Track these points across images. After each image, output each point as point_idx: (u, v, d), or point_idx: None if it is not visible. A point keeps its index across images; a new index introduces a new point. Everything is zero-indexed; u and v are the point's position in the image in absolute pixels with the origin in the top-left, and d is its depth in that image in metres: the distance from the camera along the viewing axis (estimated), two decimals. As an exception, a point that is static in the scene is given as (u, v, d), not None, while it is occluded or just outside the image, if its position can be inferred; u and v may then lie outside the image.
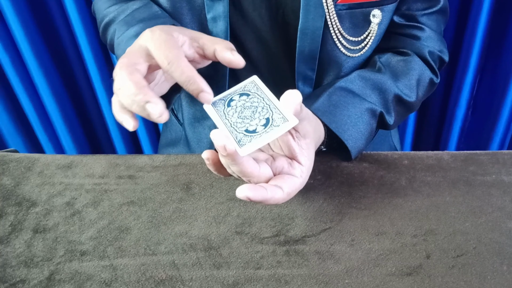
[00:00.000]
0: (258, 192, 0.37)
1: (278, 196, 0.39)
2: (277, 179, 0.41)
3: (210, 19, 0.55)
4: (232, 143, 0.37)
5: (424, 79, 0.61)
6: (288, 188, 0.40)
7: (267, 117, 0.40)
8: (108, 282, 0.44)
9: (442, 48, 0.63)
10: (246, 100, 0.43)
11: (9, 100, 1.16)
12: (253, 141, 0.38)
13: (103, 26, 0.60)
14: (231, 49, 0.45)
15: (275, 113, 0.40)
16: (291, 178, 0.41)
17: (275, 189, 0.39)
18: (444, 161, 0.55)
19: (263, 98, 0.42)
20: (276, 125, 0.39)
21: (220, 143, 0.36)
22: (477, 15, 0.94)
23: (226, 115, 0.42)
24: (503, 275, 0.44)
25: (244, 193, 0.37)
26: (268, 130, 0.38)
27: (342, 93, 0.55)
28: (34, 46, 1.04)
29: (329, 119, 0.51)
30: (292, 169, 0.42)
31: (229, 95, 0.44)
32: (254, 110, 0.41)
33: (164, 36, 0.42)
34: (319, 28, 0.54)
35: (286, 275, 0.44)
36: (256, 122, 0.40)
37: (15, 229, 0.50)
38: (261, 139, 0.38)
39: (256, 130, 0.39)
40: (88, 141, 1.29)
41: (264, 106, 0.41)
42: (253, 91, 0.43)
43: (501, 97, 1.03)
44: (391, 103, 0.57)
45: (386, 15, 0.57)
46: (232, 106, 0.43)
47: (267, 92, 0.43)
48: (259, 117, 0.40)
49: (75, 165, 0.57)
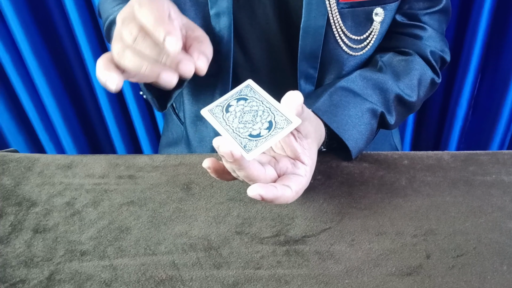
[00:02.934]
0: (270, 190, 0.38)
1: (287, 195, 0.39)
2: (283, 179, 0.41)
3: (214, 14, 0.55)
4: (237, 148, 0.37)
5: (425, 79, 0.61)
6: (296, 186, 0.40)
7: (270, 120, 0.40)
8: (108, 282, 0.44)
9: (443, 48, 0.63)
10: (245, 104, 0.43)
11: (10, 100, 1.16)
12: (259, 145, 0.38)
13: (108, 24, 0.59)
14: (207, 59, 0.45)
15: (277, 115, 0.40)
16: (297, 177, 0.41)
17: (284, 187, 0.39)
18: (444, 161, 0.55)
19: (262, 101, 0.42)
20: (280, 128, 0.39)
21: (226, 149, 0.36)
22: (478, 15, 0.94)
23: (226, 121, 0.42)
24: (503, 275, 0.44)
25: (257, 191, 0.37)
26: (272, 133, 0.39)
27: (343, 93, 0.55)
28: (34, 46, 1.04)
29: (330, 119, 0.51)
30: (296, 169, 0.42)
31: (225, 100, 0.44)
32: (254, 114, 0.41)
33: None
34: (321, 26, 0.54)
35: (286, 275, 0.44)
36: (259, 126, 0.40)
37: (15, 229, 0.50)
38: (266, 142, 0.38)
39: (260, 134, 0.39)
40: (88, 141, 1.29)
41: (265, 109, 0.41)
42: (250, 95, 0.43)
43: (502, 97, 1.03)
44: (392, 103, 0.57)
45: (389, 14, 0.57)
46: (231, 111, 0.42)
47: (264, 95, 0.43)
48: (261, 120, 0.40)
49: (75, 165, 0.57)
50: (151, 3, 0.40)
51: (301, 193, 0.41)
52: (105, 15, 0.62)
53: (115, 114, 1.19)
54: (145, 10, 0.39)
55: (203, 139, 0.68)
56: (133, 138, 1.28)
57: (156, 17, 0.38)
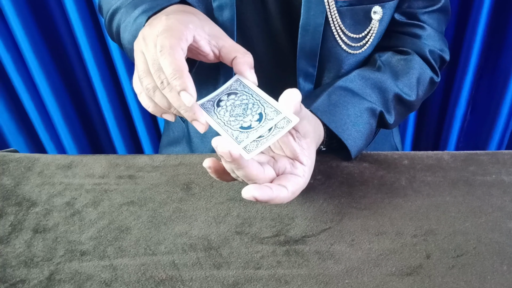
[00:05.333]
0: (264, 192, 0.38)
1: (283, 195, 0.39)
2: (280, 179, 0.41)
3: (216, 7, 0.55)
4: (236, 148, 0.37)
5: (424, 78, 0.61)
6: (292, 187, 0.40)
7: (260, 112, 0.41)
8: (108, 282, 0.44)
9: (443, 47, 0.63)
10: (235, 98, 0.43)
11: (11, 100, 1.16)
12: (259, 146, 0.39)
13: (110, 16, 0.58)
14: (250, 67, 0.45)
15: (266, 107, 0.41)
16: (295, 178, 0.41)
17: (280, 188, 0.39)
18: (444, 161, 0.55)
19: (252, 94, 0.43)
20: (280, 127, 0.39)
21: (225, 149, 0.36)
22: (477, 14, 0.94)
23: (218, 115, 0.42)
24: (503, 275, 0.44)
25: (251, 193, 0.37)
26: (274, 133, 0.39)
27: (341, 92, 0.55)
28: (35, 45, 1.04)
29: (329, 118, 0.51)
30: (294, 169, 0.42)
31: (216, 96, 0.45)
32: (245, 107, 0.42)
33: (173, 41, 0.41)
34: (320, 24, 0.54)
35: (286, 275, 0.44)
36: (249, 118, 0.41)
37: (15, 229, 0.50)
38: (265, 141, 0.39)
39: (251, 126, 0.40)
40: (88, 141, 1.29)
41: (254, 102, 0.42)
42: (240, 89, 0.44)
43: (500, 97, 1.03)
44: (391, 102, 0.57)
45: (387, 12, 0.57)
46: (222, 106, 0.43)
47: (253, 88, 0.44)
48: (252, 113, 0.41)
49: (75, 165, 0.57)
50: (173, 51, 0.40)
51: (298, 193, 0.41)
52: (106, 8, 0.60)
53: (116, 113, 1.19)
54: (164, 61, 0.40)
55: (204, 136, 0.68)
56: (134, 138, 1.28)
57: (175, 69, 0.39)
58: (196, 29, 0.44)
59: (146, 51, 0.43)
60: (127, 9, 0.54)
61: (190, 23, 0.44)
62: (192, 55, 0.48)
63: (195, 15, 0.47)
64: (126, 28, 0.52)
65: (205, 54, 0.46)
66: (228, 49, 0.46)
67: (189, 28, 0.43)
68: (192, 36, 0.44)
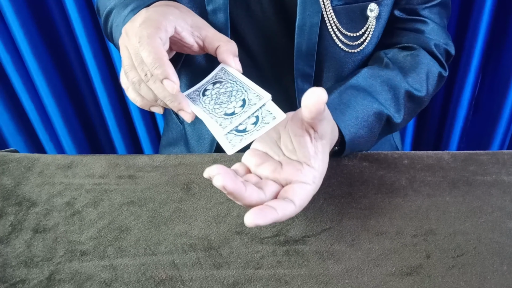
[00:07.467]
0: (268, 216, 0.34)
1: (289, 212, 0.36)
2: (287, 191, 0.38)
3: (210, 11, 0.55)
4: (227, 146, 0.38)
5: (433, 72, 0.59)
6: (300, 200, 0.37)
7: (243, 98, 0.42)
8: (108, 282, 0.44)
9: (447, 41, 0.62)
10: (220, 87, 0.44)
11: (10, 100, 1.16)
12: (243, 140, 0.39)
13: (105, 17, 0.58)
14: (234, 55, 0.45)
15: (250, 93, 0.42)
16: (303, 187, 0.38)
17: (285, 205, 0.36)
18: (444, 161, 0.55)
19: (236, 82, 0.44)
20: (266, 122, 0.39)
21: (219, 183, 0.34)
22: (479, 14, 0.94)
23: (203, 104, 0.43)
24: (503, 275, 0.44)
25: (254, 222, 0.34)
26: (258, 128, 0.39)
27: (352, 92, 0.54)
28: (34, 46, 1.04)
29: (338, 117, 0.50)
30: (303, 176, 0.39)
31: (202, 86, 0.45)
32: (229, 94, 0.43)
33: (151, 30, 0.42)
34: (316, 24, 0.54)
35: (286, 275, 0.44)
36: (233, 104, 0.42)
37: (15, 229, 0.50)
38: (249, 136, 0.39)
39: (234, 112, 0.41)
40: (88, 141, 1.29)
41: (238, 89, 0.43)
42: (224, 77, 0.45)
43: (502, 97, 1.03)
44: (402, 100, 0.56)
45: (384, 9, 0.56)
46: (207, 95, 0.44)
47: (237, 75, 0.44)
48: (235, 100, 0.42)
49: (75, 165, 0.57)
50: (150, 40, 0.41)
51: (306, 203, 0.38)
52: (102, 9, 0.61)
53: (116, 114, 1.19)
54: (144, 50, 0.41)
55: (201, 137, 0.68)
56: (134, 138, 1.28)
57: (154, 58, 0.40)
58: (177, 20, 0.45)
59: (129, 44, 0.43)
60: (118, 9, 0.54)
61: (170, 15, 0.44)
62: (177, 48, 0.49)
63: (176, 8, 0.48)
64: (118, 28, 0.53)
65: (189, 45, 0.46)
66: (211, 38, 0.46)
67: (169, 19, 0.44)
68: (172, 27, 0.44)
